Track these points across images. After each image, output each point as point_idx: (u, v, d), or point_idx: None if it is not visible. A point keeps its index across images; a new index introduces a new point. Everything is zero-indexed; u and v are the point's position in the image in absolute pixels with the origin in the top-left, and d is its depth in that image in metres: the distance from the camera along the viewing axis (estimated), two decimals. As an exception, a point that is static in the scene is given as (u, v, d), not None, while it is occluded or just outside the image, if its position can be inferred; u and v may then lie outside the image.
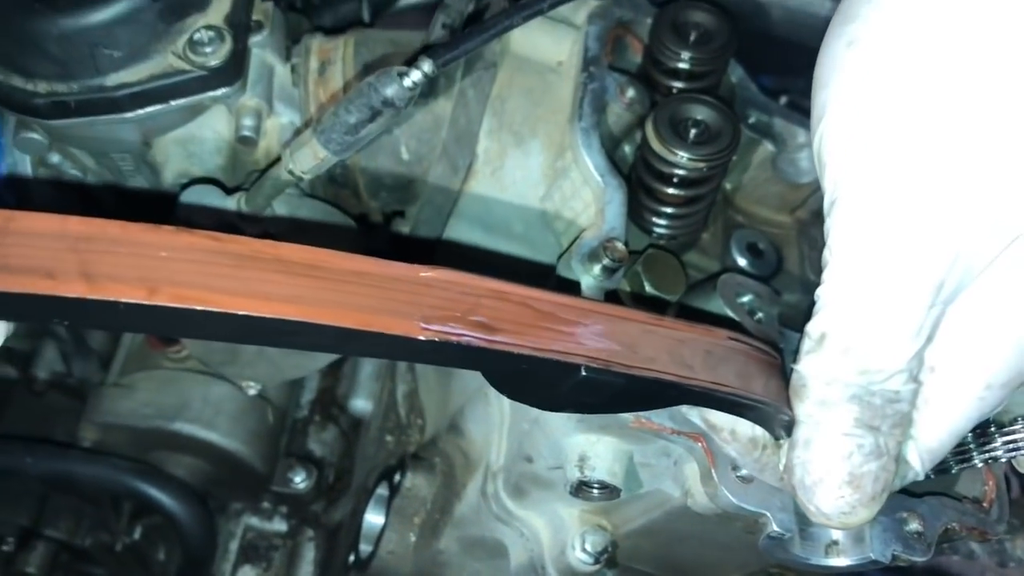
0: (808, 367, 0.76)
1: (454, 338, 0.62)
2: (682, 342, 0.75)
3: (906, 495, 0.94)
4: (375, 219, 1.25)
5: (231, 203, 1.02)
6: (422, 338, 0.60)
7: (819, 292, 0.75)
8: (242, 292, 0.56)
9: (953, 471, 0.95)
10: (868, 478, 0.76)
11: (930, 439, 0.79)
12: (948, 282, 0.71)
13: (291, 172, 0.94)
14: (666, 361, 0.73)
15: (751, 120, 1.18)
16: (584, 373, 0.68)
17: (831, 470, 0.76)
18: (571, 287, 0.94)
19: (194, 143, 1.12)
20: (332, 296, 0.59)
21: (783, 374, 0.83)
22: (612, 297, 0.95)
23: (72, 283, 0.54)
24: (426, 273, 0.63)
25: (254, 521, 1.65)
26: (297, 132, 1.11)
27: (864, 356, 0.73)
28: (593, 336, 0.69)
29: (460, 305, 0.63)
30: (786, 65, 1.22)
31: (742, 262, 1.16)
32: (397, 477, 1.31)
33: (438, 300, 0.62)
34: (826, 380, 0.74)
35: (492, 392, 0.93)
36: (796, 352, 0.79)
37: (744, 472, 0.86)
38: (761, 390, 0.78)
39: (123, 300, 0.55)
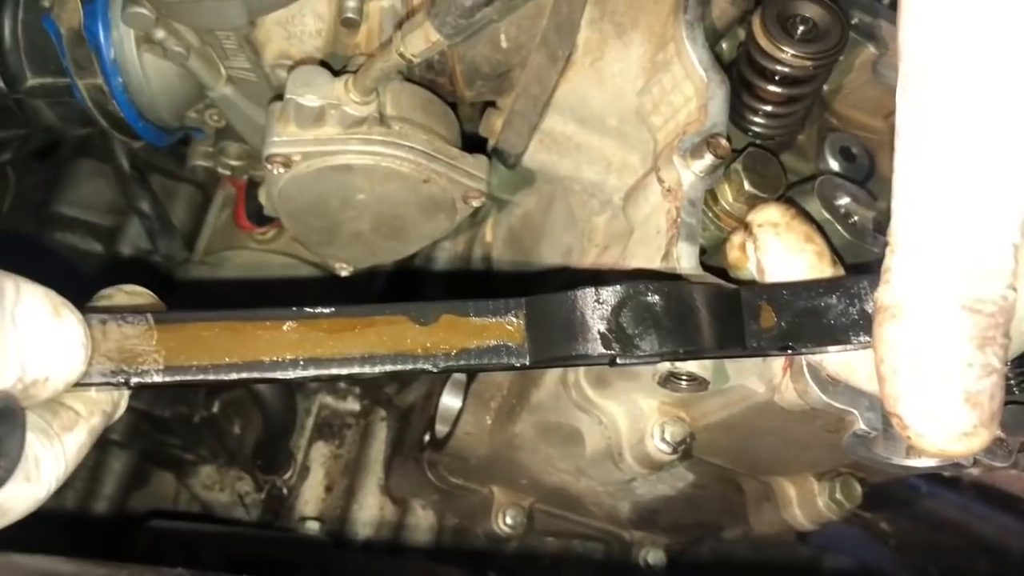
0: (902, 280, 0.64)
1: None
2: None
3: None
4: (466, 108, 1.25)
5: (339, 85, 1.03)
6: None
7: (898, 186, 0.66)
8: None
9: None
10: (985, 395, 0.64)
11: None
12: None
13: (401, 55, 0.95)
14: None
15: (854, 21, 1.15)
16: None
17: (947, 393, 0.64)
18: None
19: (296, 23, 1.13)
20: None
21: None
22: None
23: None
24: None
25: (329, 400, 1.72)
26: (407, 15, 1.10)
27: (970, 255, 0.62)
28: None
29: None
30: (893, -35, 1.18)
31: (835, 165, 1.15)
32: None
33: None
34: (928, 292, 0.63)
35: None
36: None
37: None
38: None
39: None
